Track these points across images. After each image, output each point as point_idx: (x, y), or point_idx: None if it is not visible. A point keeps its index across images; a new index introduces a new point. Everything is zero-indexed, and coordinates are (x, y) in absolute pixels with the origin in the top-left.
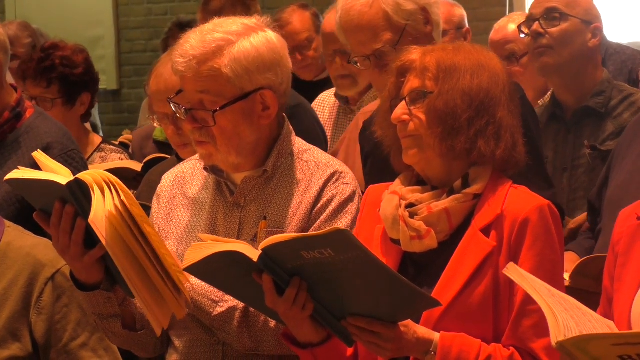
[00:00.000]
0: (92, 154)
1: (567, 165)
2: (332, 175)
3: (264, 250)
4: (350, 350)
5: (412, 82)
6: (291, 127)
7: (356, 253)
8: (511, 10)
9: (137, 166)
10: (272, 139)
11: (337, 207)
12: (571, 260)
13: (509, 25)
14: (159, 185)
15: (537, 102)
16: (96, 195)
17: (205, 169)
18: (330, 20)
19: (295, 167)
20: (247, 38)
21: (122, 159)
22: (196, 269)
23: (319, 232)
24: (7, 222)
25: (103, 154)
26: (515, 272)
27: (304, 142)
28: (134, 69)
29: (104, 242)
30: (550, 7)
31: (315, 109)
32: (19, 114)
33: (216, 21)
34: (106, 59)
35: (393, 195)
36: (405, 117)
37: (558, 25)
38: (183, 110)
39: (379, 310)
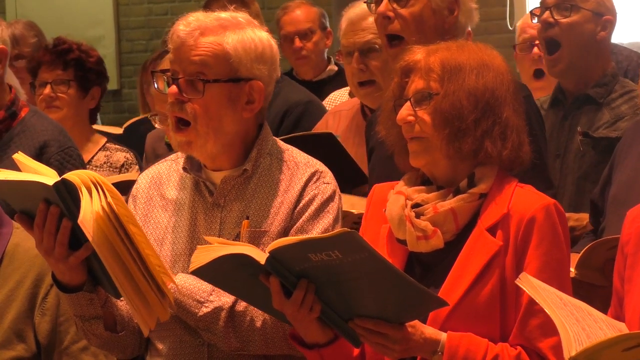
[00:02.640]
0: (96, 152)
1: (560, 151)
2: (313, 174)
3: (271, 252)
4: (356, 351)
5: (416, 83)
6: (269, 127)
7: (364, 255)
8: (511, 11)
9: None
10: (250, 139)
11: (318, 206)
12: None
13: None
14: (135, 186)
15: None
16: (84, 196)
17: (184, 169)
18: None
19: (274, 167)
20: (251, 29)
21: (127, 158)
22: (203, 272)
23: (326, 234)
24: (16, 224)
25: (108, 152)
26: (527, 283)
27: (282, 142)
28: (134, 68)
29: (92, 242)
30: None
31: (327, 108)
32: (14, 113)
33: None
34: (106, 59)
35: (399, 196)
36: (411, 118)
37: (568, 16)
38: (170, 78)
39: (386, 311)
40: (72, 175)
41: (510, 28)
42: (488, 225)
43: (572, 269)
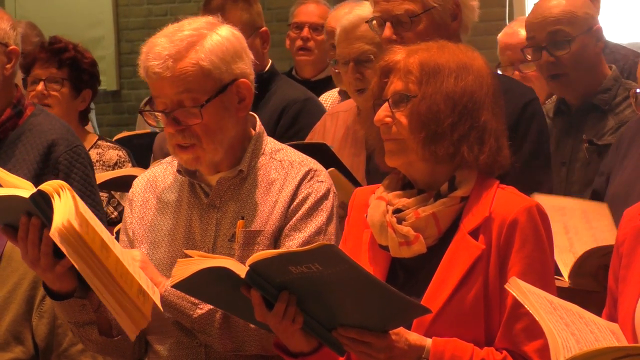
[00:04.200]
0: (88, 150)
1: (565, 159)
2: (307, 173)
3: (251, 266)
4: (341, 358)
5: (395, 84)
6: (263, 127)
7: (344, 266)
8: (511, 11)
9: (139, 172)
10: (246, 139)
11: (312, 205)
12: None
13: (521, 30)
14: (131, 190)
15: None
16: (56, 207)
17: (178, 171)
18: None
19: (269, 167)
20: (214, 31)
21: (119, 156)
22: (184, 286)
23: (305, 247)
24: None
25: (100, 150)
26: (516, 287)
27: (276, 142)
28: (134, 69)
29: (65, 253)
30: (554, 31)
31: None
32: (20, 111)
33: (176, 24)
34: (106, 59)
35: (380, 201)
36: (388, 119)
37: (568, 49)
38: (163, 115)
39: (370, 320)
40: (47, 186)
41: None
42: (470, 228)
43: (565, 279)
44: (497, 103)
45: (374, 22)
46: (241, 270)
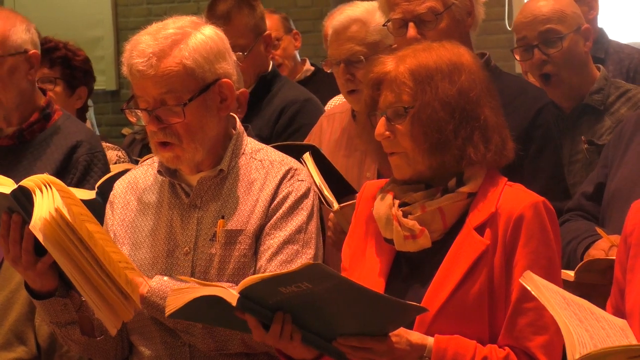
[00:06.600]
0: None
1: (565, 161)
2: (287, 172)
3: (241, 292)
4: None
5: (389, 97)
6: (243, 128)
7: (333, 282)
8: (510, 11)
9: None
10: (227, 139)
11: (292, 203)
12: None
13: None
14: (112, 193)
15: None
16: (37, 201)
17: (159, 172)
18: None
19: (250, 166)
20: (198, 31)
21: (119, 157)
22: (180, 314)
23: (291, 269)
24: None
25: None
26: (531, 282)
27: (256, 142)
28: None
29: (45, 247)
30: (545, 30)
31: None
32: (48, 115)
33: (160, 22)
34: (105, 59)
35: (386, 194)
36: (388, 134)
37: (560, 46)
38: (145, 112)
39: (368, 326)
40: (28, 181)
41: (509, 29)
42: (476, 224)
43: (570, 273)
44: (493, 96)
45: (390, 24)
46: (232, 298)
